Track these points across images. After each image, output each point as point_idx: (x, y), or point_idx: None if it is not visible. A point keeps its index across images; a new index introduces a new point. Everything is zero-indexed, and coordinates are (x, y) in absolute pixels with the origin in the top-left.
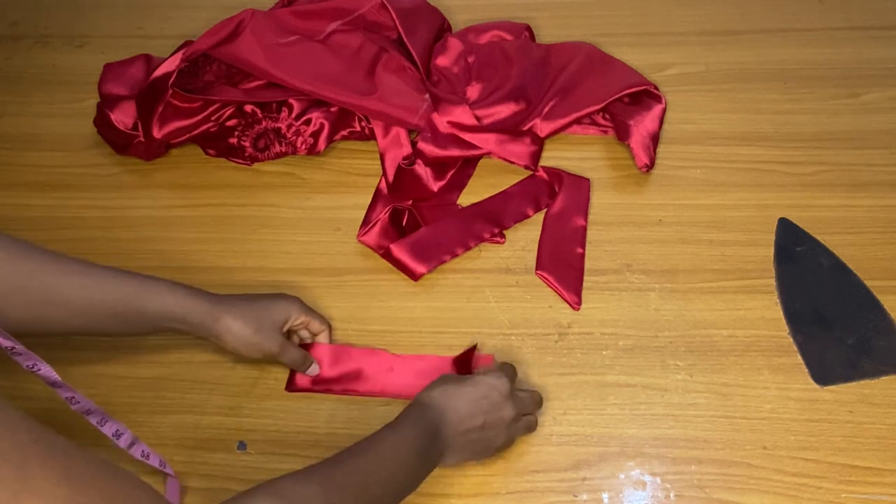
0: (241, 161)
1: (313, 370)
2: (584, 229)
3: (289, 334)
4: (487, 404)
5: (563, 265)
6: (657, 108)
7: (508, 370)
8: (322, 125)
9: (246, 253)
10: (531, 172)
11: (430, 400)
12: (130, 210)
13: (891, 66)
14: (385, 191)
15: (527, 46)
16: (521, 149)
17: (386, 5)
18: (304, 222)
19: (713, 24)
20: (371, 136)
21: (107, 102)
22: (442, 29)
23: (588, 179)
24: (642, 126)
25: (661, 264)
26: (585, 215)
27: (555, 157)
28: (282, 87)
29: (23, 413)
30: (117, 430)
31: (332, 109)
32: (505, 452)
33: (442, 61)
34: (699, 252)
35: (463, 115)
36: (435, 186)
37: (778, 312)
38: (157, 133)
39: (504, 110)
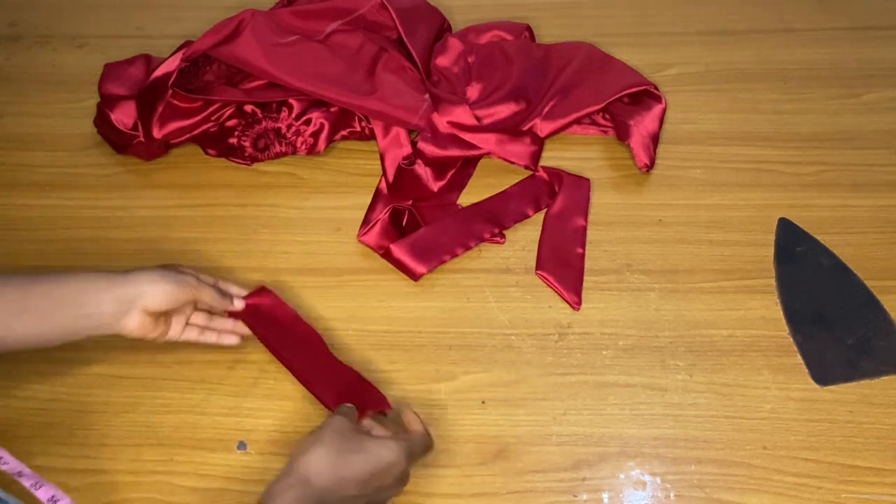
0: (241, 161)
1: (238, 305)
2: (584, 229)
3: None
4: (376, 486)
5: (563, 265)
6: (657, 108)
7: (419, 445)
8: (322, 125)
9: (246, 253)
10: (531, 172)
11: (312, 476)
12: (130, 210)
13: (891, 66)
14: (385, 191)
15: (527, 46)
16: (521, 149)
17: (386, 5)
18: (304, 222)
19: (713, 24)
20: (371, 136)
21: (107, 102)
22: (442, 29)
23: (588, 179)
24: (642, 126)
25: (661, 264)
26: (585, 215)
27: (555, 157)
28: (282, 87)
29: None
30: (53, 495)
31: (332, 109)
32: (505, 453)
33: (442, 61)
34: (699, 252)
35: (463, 115)
36: (435, 186)
37: (778, 312)
38: (157, 133)
39: (504, 110)
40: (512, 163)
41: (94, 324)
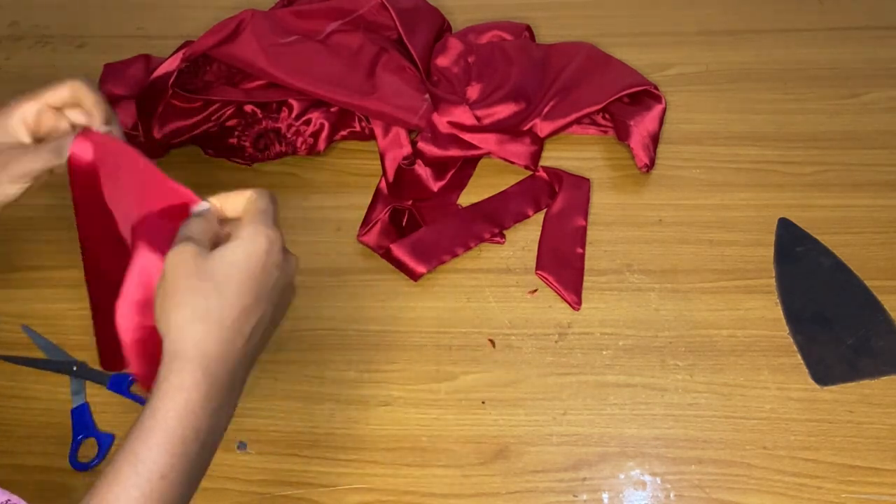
0: (241, 161)
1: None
2: (584, 229)
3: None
4: (264, 292)
5: (563, 265)
6: (657, 108)
7: (265, 203)
8: (322, 125)
9: None
10: (531, 172)
11: (191, 349)
12: None
13: (891, 66)
14: (385, 191)
15: (527, 46)
16: (521, 149)
17: (386, 5)
18: (304, 222)
19: (713, 24)
20: (371, 136)
21: None
22: (442, 29)
23: (588, 179)
24: (642, 126)
25: (661, 264)
26: (585, 215)
27: (555, 157)
28: (282, 87)
29: None
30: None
31: (332, 109)
32: (505, 453)
33: (442, 61)
34: (699, 252)
35: (463, 115)
36: (435, 186)
37: (778, 312)
38: (157, 133)
39: (504, 110)
40: (512, 163)
41: None
